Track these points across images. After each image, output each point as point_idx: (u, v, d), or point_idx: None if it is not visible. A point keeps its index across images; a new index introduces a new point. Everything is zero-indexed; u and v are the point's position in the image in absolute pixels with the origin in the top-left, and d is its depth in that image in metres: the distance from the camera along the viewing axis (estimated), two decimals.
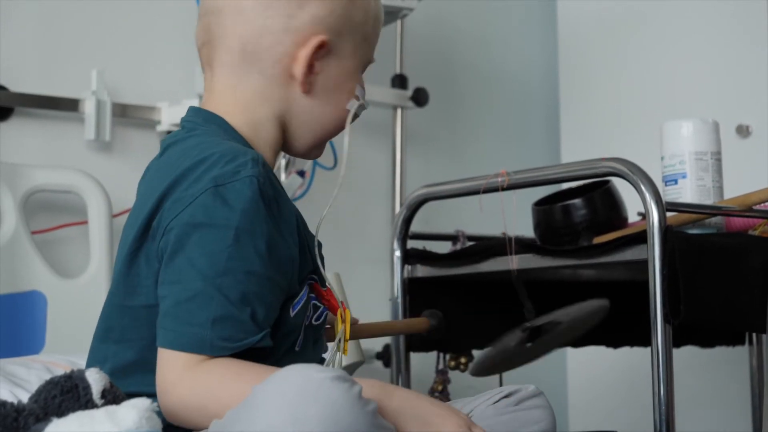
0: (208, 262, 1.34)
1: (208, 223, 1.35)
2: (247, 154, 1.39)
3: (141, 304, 1.42)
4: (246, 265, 1.35)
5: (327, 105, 1.54)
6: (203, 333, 1.33)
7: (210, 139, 1.46)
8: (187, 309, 1.34)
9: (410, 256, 2.28)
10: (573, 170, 2.03)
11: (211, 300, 1.33)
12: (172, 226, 1.37)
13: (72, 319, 2.41)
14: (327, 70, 1.52)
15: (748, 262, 1.88)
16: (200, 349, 1.33)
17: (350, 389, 1.23)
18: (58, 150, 2.62)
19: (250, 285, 1.35)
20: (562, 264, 2.03)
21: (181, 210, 1.36)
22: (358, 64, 1.56)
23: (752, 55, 3.00)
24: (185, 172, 1.39)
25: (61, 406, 1.24)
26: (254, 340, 1.35)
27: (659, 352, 1.79)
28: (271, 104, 1.52)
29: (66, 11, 2.68)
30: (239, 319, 1.34)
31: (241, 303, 1.34)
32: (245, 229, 1.35)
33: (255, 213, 1.36)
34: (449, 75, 3.45)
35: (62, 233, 2.58)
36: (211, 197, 1.35)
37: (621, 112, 3.32)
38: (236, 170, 1.37)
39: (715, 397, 3.03)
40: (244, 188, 1.36)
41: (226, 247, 1.34)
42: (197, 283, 1.33)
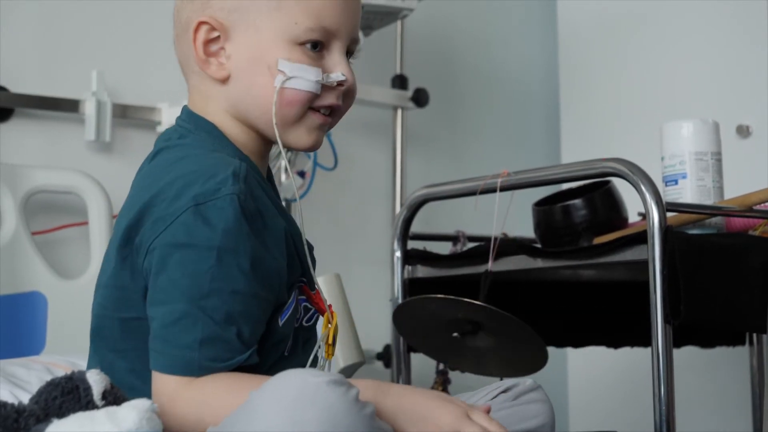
0: (192, 283, 1.34)
1: (190, 244, 1.34)
2: (228, 169, 1.38)
3: (131, 316, 1.43)
4: (230, 284, 1.35)
5: (253, 87, 1.48)
6: (191, 355, 1.33)
7: (195, 152, 1.46)
8: (173, 331, 1.34)
9: (410, 257, 2.28)
10: (573, 171, 2.03)
11: (196, 322, 1.33)
12: (154, 246, 1.36)
13: (72, 320, 2.40)
14: (237, 52, 1.48)
15: (748, 262, 1.88)
16: (189, 371, 1.34)
17: (347, 393, 1.23)
18: (59, 151, 2.62)
19: (234, 304, 1.35)
20: (562, 264, 2.03)
21: (162, 229, 1.36)
22: (275, 35, 1.47)
23: (752, 55, 3.00)
24: (165, 188, 1.38)
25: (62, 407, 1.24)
26: (242, 358, 1.35)
27: (659, 352, 1.79)
28: (216, 101, 1.51)
29: (66, 12, 2.68)
30: (225, 339, 1.34)
31: (226, 323, 1.34)
32: (227, 249, 1.35)
33: (237, 231, 1.35)
34: (449, 75, 3.45)
35: (62, 234, 2.58)
36: (192, 216, 1.35)
37: (621, 113, 3.32)
38: (216, 188, 1.36)
39: (716, 398, 3.03)
40: (224, 206, 1.35)
41: (208, 267, 1.34)
42: (181, 305, 1.34)
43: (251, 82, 1.48)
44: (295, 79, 1.46)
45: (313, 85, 1.47)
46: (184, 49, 1.53)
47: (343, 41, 1.51)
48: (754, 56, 2.99)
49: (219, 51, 1.49)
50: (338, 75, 1.49)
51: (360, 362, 2.36)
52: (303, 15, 1.47)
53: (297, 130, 1.51)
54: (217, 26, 1.47)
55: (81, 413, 1.22)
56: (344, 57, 1.51)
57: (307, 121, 1.51)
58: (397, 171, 3.14)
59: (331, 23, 1.48)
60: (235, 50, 1.48)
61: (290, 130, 1.50)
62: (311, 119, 1.51)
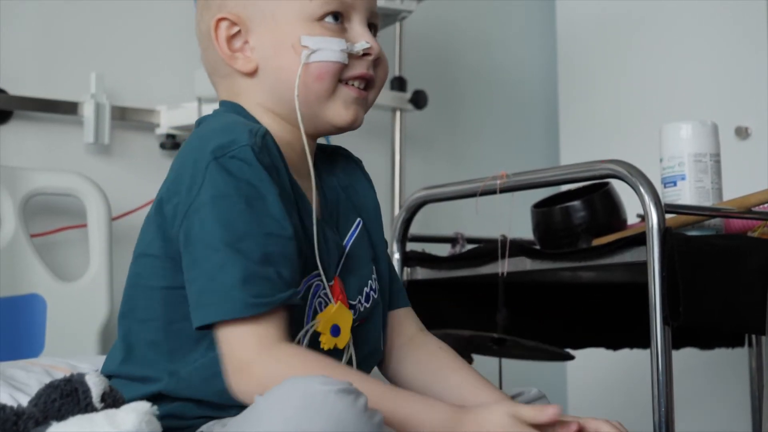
0: (226, 230, 1.35)
1: (218, 195, 1.36)
2: (245, 127, 1.40)
3: (160, 285, 1.44)
4: (263, 227, 1.36)
5: (281, 71, 1.49)
6: (235, 294, 1.33)
7: (219, 118, 1.49)
8: (217, 279, 1.34)
9: (410, 259, 2.28)
10: (572, 172, 2.03)
11: (235, 263, 1.34)
12: (187, 209, 1.38)
13: (71, 323, 2.41)
14: (260, 42, 1.50)
15: (747, 263, 1.87)
16: (236, 311, 1.33)
17: (356, 401, 1.23)
18: (58, 153, 2.62)
19: (270, 246, 1.36)
20: (562, 266, 2.03)
21: (197, 192, 1.37)
22: (293, 17, 1.49)
23: (751, 57, 3.00)
24: (189, 152, 1.41)
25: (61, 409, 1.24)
26: (285, 295, 1.36)
27: (659, 353, 1.79)
28: (246, 97, 1.53)
29: (65, 14, 2.68)
30: (266, 276, 1.35)
31: (264, 263, 1.35)
32: (254, 195, 1.37)
33: (258, 178, 1.37)
34: (448, 77, 3.45)
35: (61, 236, 2.58)
36: (215, 171, 1.36)
37: (620, 115, 3.32)
38: (232, 140, 1.38)
39: (715, 399, 3.03)
40: (243, 156, 1.37)
41: (239, 212, 1.36)
42: (218, 254, 1.34)
43: (279, 67, 1.49)
44: (320, 51, 1.48)
45: (338, 54, 1.48)
46: (210, 57, 1.55)
47: (362, 13, 1.52)
48: (753, 58, 2.99)
49: (243, 45, 1.51)
50: (362, 44, 1.51)
51: None
52: None
53: (333, 106, 1.52)
54: (236, 20, 1.50)
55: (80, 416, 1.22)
56: (366, 27, 1.52)
57: (341, 95, 1.51)
58: (396, 173, 3.14)
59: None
60: (258, 41, 1.50)
61: (326, 106, 1.51)
62: (345, 92, 1.51)
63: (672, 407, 1.79)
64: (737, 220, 2.01)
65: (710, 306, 1.84)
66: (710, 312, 1.84)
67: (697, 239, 1.88)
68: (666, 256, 1.79)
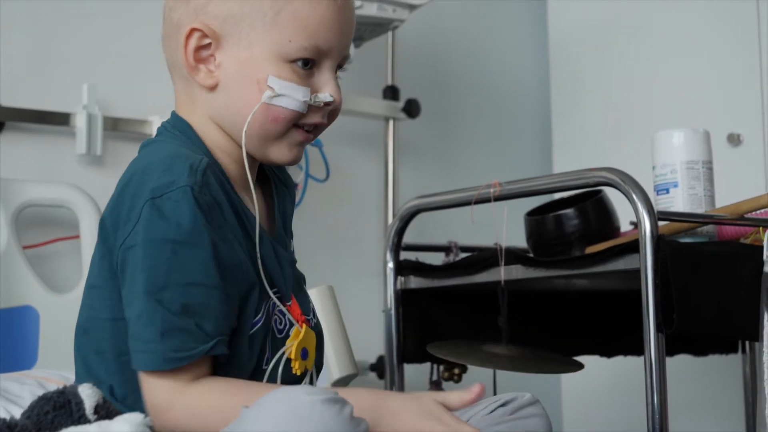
0: (149, 277, 1.34)
1: (147, 239, 1.35)
2: (186, 162, 1.38)
3: (108, 316, 1.43)
4: (186, 276, 1.35)
5: (239, 100, 1.47)
6: (155, 348, 1.34)
7: (161, 146, 1.47)
8: (138, 327, 1.35)
9: (403, 268, 2.28)
10: (565, 180, 2.03)
11: (155, 314, 1.34)
12: (125, 246, 1.37)
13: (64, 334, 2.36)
14: (227, 62, 1.47)
15: (740, 270, 1.88)
16: (156, 364, 1.34)
17: (341, 411, 1.23)
18: (50, 164, 2.62)
19: (192, 296, 1.35)
20: (555, 274, 2.03)
21: (130, 231, 1.36)
22: (267, 51, 1.46)
23: (743, 64, 3.00)
24: (128, 183, 1.40)
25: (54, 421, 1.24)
26: (206, 348, 1.35)
27: (652, 361, 1.79)
28: (199, 107, 1.51)
29: (57, 26, 2.68)
30: (185, 329, 1.34)
31: (183, 314, 1.34)
32: (182, 241, 1.35)
33: (192, 223, 1.35)
34: (441, 86, 3.45)
35: (54, 248, 2.57)
36: (149, 211, 1.35)
37: (612, 123, 3.33)
38: (171, 181, 1.36)
39: (709, 406, 3.03)
40: (179, 199, 1.35)
41: (164, 260, 1.35)
42: (142, 301, 1.34)
43: (238, 95, 1.47)
44: (283, 97, 1.46)
45: (300, 104, 1.47)
46: (173, 50, 1.52)
47: (335, 59, 1.51)
48: (745, 65, 3.00)
49: (209, 58, 1.48)
50: (326, 96, 1.49)
51: (353, 374, 2.35)
52: (298, 33, 1.45)
53: (279, 146, 1.50)
54: (210, 34, 1.46)
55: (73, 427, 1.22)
56: (334, 76, 1.50)
57: (290, 138, 1.50)
58: (389, 182, 3.14)
59: (325, 42, 1.47)
60: (226, 60, 1.47)
61: (272, 145, 1.50)
62: (294, 136, 1.50)
63: (666, 414, 1.79)
64: (730, 227, 2.01)
65: (703, 313, 1.84)
66: (704, 319, 1.84)
67: (689, 246, 1.88)
68: (659, 264, 1.80)
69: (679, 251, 1.82)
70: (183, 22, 1.48)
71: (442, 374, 2.38)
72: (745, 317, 1.86)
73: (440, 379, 2.38)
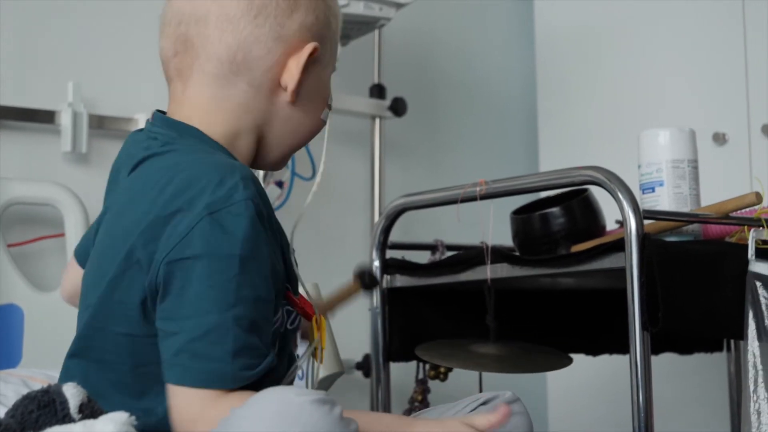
0: (219, 294, 1.32)
1: (212, 254, 1.32)
2: (235, 174, 1.36)
3: (123, 331, 1.40)
4: (255, 292, 1.34)
5: (306, 114, 1.53)
6: (225, 368, 1.31)
7: (191, 157, 1.43)
8: (203, 344, 1.32)
9: (389, 266, 2.28)
10: (551, 179, 2.03)
11: (227, 333, 1.31)
12: (170, 259, 1.34)
13: (49, 333, 2.39)
14: (310, 80, 1.51)
15: (725, 269, 1.88)
16: (223, 383, 1.32)
17: (331, 411, 1.23)
18: (35, 162, 2.61)
19: (258, 312, 1.35)
20: (541, 273, 2.03)
21: (176, 243, 1.33)
22: (330, 72, 1.56)
23: (728, 63, 3.01)
24: (172, 199, 1.36)
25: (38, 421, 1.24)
26: (269, 362, 1.35)
27: (638, 359, 1.79)
28: (254, 115, 1.50)
29: (42, 23, 2.67)
30: (253, 346, 1.33)
31: (252, 331, 1.33)
32: (249, 256, 1.34)
33: (255, 237, 1.35)
34: (427, 85, 3.45)
35: (39, 246, 2.57)
36: (208, 226, 1.33)
37: (598, 121, 3.33)
38: (229, 194, 1.34)
39: (694, 404, 3.03)
40: (241, 212, 1.34)
41: (233, 276, 1.32)
42: (211, 317, 1.32)
43: (310, 111, 1.53)
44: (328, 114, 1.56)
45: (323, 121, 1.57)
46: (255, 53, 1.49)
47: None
48: (730, 65, 3.00)
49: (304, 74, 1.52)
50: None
51: (339, 372, 2.35)
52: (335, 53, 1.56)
53: (288, 158, 1.60)
54: (318, 55, 1.51)
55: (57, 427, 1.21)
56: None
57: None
58: (375, 180, 3.14)
59: None
60: (310, 78, 1.52)
61: (287, 157, 1.58)
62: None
63: (651, 412, 1.79)
64: (715, 225, 2.01)
65: (689, 311, 1.84)
66: (689, 317, 1.85)
67: (675, 245, 1.88)
68: (644, 262, 1.80)
69: (664, 250, 1.82)
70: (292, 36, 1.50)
71: (429, 373, 2.38)
72: (730, 316, 1.87)
73: (426, 378, 2.38)
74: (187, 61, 1.50)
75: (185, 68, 1.50)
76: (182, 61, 1.51)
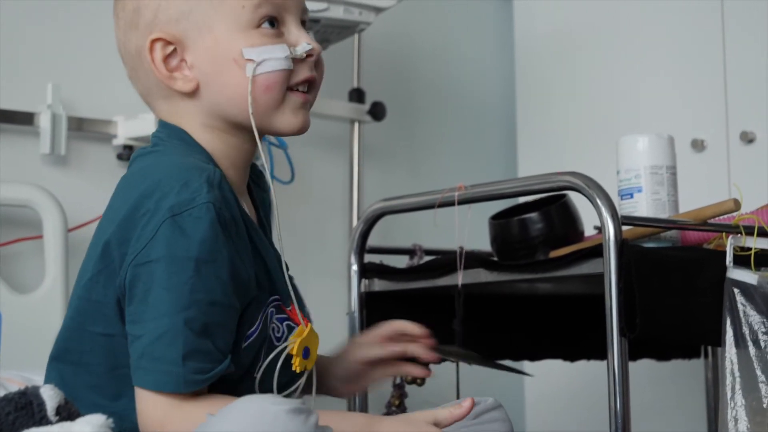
0: (172, 296, 1.32)
1: (170, 256, 1.33)
2: (202, 176, 1.36)
3: (100, 331, 1.41)
4: (209, 295, 1.34)
5: (226, 87, 1.45)
6: (177, 370, 1.32)
7: (167, 158, 1.44)
8: (158, 347, 1.32)
9: (367, 270, 2.28)
10: (529, 184, 2.03)
11: (178, 335, 1.32)
12: (137, 262, 1.34)
13: (27, 335, 2.38)
14: (198, 59, 1.45)
15: (703, 275, 1.89)
16: (176, 386, 1.32)
17: (307, 420, 1.23)
18: (13, 164, 2.60)
19: (212, 315, 1.34)
20: (519, 278, 2.04)
21: (143, 246, 1.34)
22: (229, 29, 1.45)
23: (707, 70, 3.02)
24: (141, 200, 1.36)
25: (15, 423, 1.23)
26: (223, 367, 1.34)
27: (615, 365, 1.79)
28: (189, 118, 1.48)
29: (21, 25, 2.66)
30: (205, 350, 1.33)
31: (204, 335, 1.33)
32: (205, 259, 1.33)
33: (214, 240, 1.34)
34: (407, 89, 3.45)
35: (17, 248, 2.56)
36: (169, 229, 1.33)
37: (577, 127, 3.34)
38: (191, 197, 1.34)
39: (672, 410, 3.04)
40: (201, 216, 1.33)
41: (187, 279, 1.32)
42: (164, 320, 1.32)
43: (223, 83, 1.45)
44: (266, 62, 1.44)
45: (284, 62, 1.45)
46: (143, 79, 1.50)
47: (296, 13, 1.49)
48: (708, 71, 3.02)
49: (180, 64, 1.46)
50: (304, 46, 1.48)
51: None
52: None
53: (282, 114, 1.49)
54: (171, 39, 1.45)
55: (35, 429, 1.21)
56: (302, 28, 1.49)
57: (290, 103, 1.49)
58: (354, 184, 3.14)
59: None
60: (196, 57, 1.45)
61: (275, 116, 1.48)
62: (292, 99, 1.49)
63: (629, 418, 1.80)
64: (693, 232, 2.02)
65: (666, 318, 1.85)
66: (666, 324, 1.85)
67: (653, 251, 1.89)
68: (622, 268, 1.80)
69: (642, 256, 1.83)
70: (141, 44, 1.47)
71: (405, 378, 2.38)
72: (707, 322, 1.87)
73: (403, 383, 2.38)
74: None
75: None
76: None
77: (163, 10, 1.45)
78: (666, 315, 1.85)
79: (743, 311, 1.86)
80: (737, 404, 1.82)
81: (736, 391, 1.83)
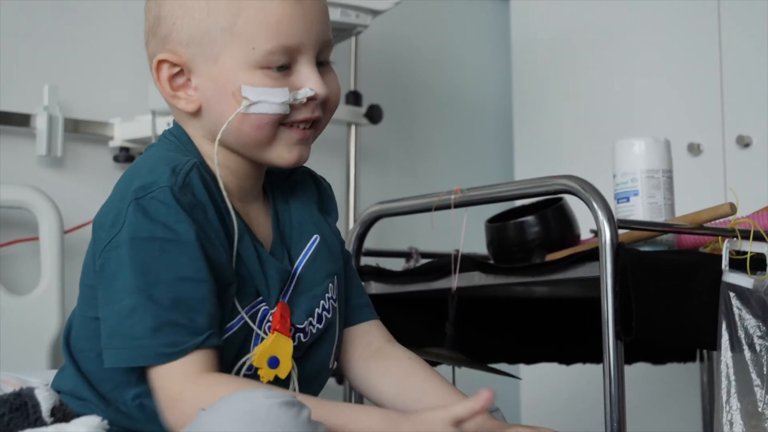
0: (138, 275, 1.35)
1: (134, 238, 1.36)
2: (170, 164, 1.39)
3: (91, 315, 1.43)
4: (177, 272, 1.36)
5: (221, 115, 1.45)
6: (145, 343, 1.34)
7: (153, 151, 1.48)
8: (127, 325, 1.35)
9: (364, 273, 2.28)
10: (526, 187, 2.03)
11: (146, 311, 1.34)
12: (109, 247, 1.38)
13: (22, 336, 2.39)
14: (203, 83, 1.46)
15: (698, 279, 1.89)
16: (146, 360, 1.34)
17: (299, 413, 1.23)
18: (10, 166, 2.60)
19: (184, 291, 1.36)
20: (515, 281, 2.03)
21: (117, 232, 1.37)
22: (236, 63, 1.44)
23: (704, 74, 3.02)
24: (117, 185, 1.43)
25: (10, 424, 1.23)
26: (198, 341, 1.35)
27: (611, 369, 1.79)
28: (193, 129, 1.51)
29: (18, 27, 2.66)
30: (178, 323, 1.34)
31: (175, 309, 1.34)
32: (169, 238, 1.36)
33: (175, 220, 1.36)
34: (403, 92, 3.45)
35: (13, 249, 2.56)
36: (134, 212, 1.36)
37: (574, 131, 3.34)
38: (152, 182, 1.37)
39: (667, 414, 3.04)
40: (161, 198, 1.36)
41: (153, 258, 1.35)
42: (132, 298, 1.34)
43: (219, 111, 1.46)
44: (261, 103, 1.44)
45: (279, 107, 1.45)
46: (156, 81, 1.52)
47: (310, 53, 1.47)
48: (705, 75, 3.02)
49: (186, 83, 1.47)
50: (306, 91, 1.46)
51: None
52: (260, 38, 1.43)
53: (276, 149, 1.49)
54: (177, 62, 1.46)
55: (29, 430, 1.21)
56: (314, 68, 1.48)
57: (283, 139, 1.48)
58: (350, 187, 3.14)
59: (292, 40, 1.44)
60: (201, 82, 1.46)
61: (268, 150, 1.49)
62: (287, 135, 1.48)
63: (624, 422, 1.80)
64: (689, 235, 2.02)
65: (662, 321, 1.85)
66: (662, 327, 1.85)
67: (649, 255, 1.89)
68: (619, 272, 1.80)
69: (638, 260, 1.83)
70: (154, 54, 1.49)
71: None
72: (703, 326, 1.87)
73: None
74: None
75: None
76: None
77: (177, 30, 1.46)
78: (662, 318, 1.85)
79: (739, 315, 1.86)
80: (732, 408, 1.82)
81: (732, 394, 1.83)
